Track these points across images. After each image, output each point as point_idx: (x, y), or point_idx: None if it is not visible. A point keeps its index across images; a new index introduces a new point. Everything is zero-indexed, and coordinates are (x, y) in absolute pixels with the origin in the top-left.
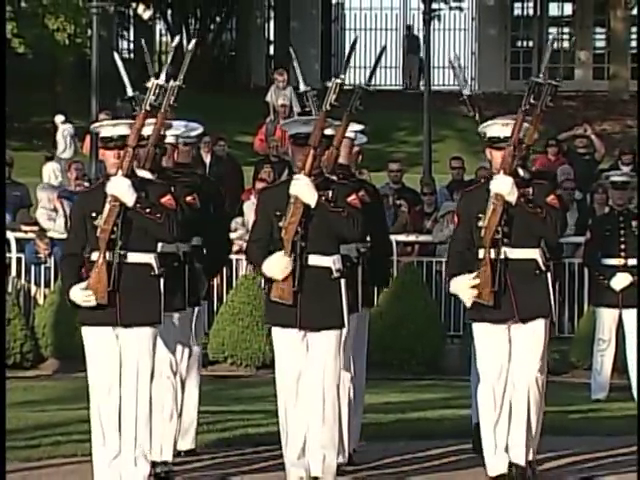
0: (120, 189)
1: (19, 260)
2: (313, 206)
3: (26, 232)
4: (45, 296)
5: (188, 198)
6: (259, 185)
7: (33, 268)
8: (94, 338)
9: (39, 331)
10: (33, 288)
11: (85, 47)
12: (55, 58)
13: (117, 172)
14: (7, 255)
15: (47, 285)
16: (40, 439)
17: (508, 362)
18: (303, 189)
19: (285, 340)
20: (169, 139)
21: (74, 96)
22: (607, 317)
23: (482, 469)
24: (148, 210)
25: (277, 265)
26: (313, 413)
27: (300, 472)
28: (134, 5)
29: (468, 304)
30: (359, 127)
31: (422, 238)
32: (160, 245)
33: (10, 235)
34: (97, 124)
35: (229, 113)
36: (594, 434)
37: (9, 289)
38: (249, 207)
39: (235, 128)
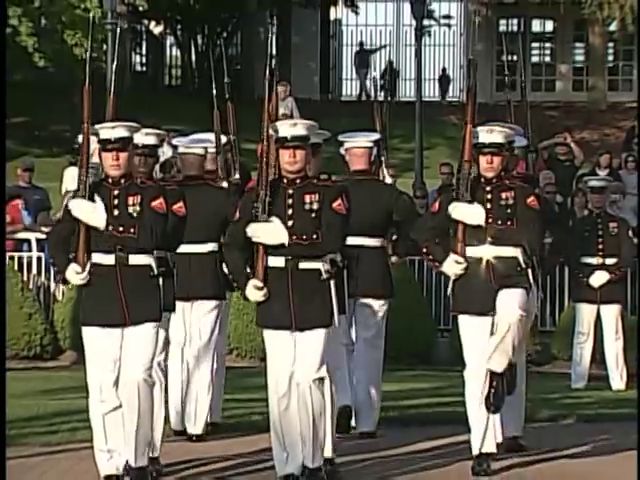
0: (86, 215)
1: (39, 259)
2: (287, 244)
3: (46, 233)
4: (63, 293)
5: (175, 206)
6: None
7: (52, 267)
8: (95, 339)
9: (58, 325)
10: (52, 285)
11: (101, 61)
12: (73, 71)
13: (116, 173)
14: (28, 254)
15: (65, 282)
16: (59, 425)
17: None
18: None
19: (279, 342)
20: (200, 151)
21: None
22: (586, 312)
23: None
24: (121, 229)
25: (253, 296)
26: (298, 410)
27: (294, 466)
28: (146, 22)
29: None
30: (376, 136)
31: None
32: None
33: (31, 236)
34: (97, 126)
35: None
36: (574, 421)
37: (30, 286)
38: None
39: (241, 136)
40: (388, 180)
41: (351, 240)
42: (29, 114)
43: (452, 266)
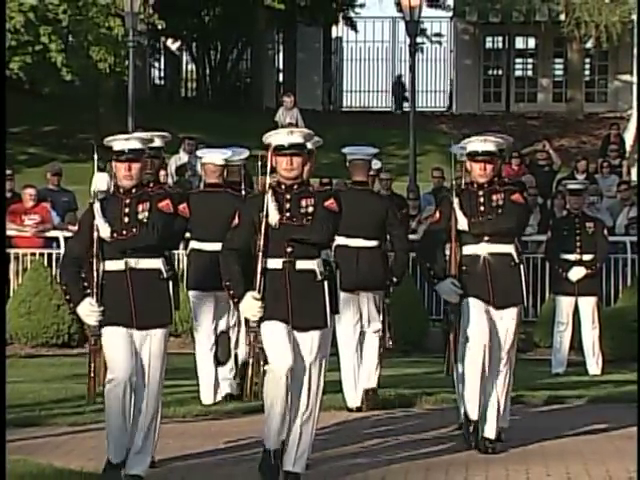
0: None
1: None
2: (274, 225)
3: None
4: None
5: (180, 207)
6: None
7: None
8: (112, 335)
9: None
10: None
11: (123, 75)
12: (98, 84)
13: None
14: (57, 251)
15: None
16: (85, 407)
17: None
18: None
19: (278, 332)
20: (219, 161)
21: (114, 116)
22: (565, 303)
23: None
24: (124, 232)
25: (249, 308)
26: (296, 409)
27: (275, 441)
28: (164, 39)
29: (454, 301)
30: (375, 150)
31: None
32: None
33: (59, 234)
34: (110, 138)
35: (245, 131)
36: (554, 403)
37: (58, 279)
38: None
39: (250, 144)
40: (377, 188)
41: (352, 242)
42: (57, 123)
43: (448, 289)
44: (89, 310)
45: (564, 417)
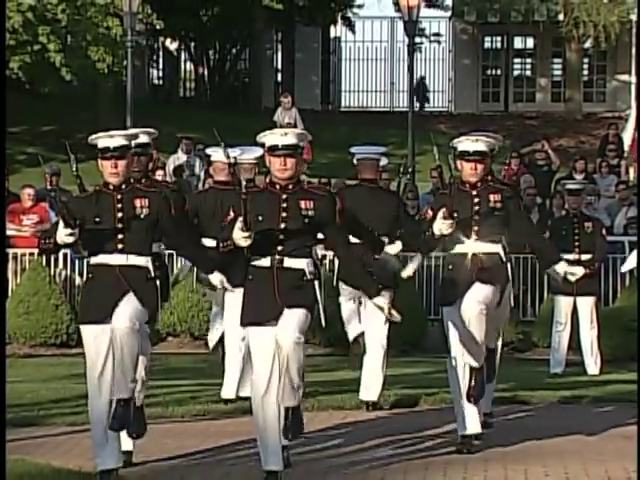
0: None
1: (65, 255)
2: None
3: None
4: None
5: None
6: None
7: (77, 262)
8: (92, 336)
9: None
10: (77, 279)
11: (121, 75)
12: (97, 84)
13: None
14: None
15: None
16: (83, 407)
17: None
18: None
19: (262, 339)
20: (224, 158)
21: (113, 116)
22: (564, 303)
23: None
24: (125, 231)
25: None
26: (280, 374)
27: (275, 461)
28: (162, 39)
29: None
30: (383, 149)
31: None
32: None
33: None
34: (94, 136)
35: (243, 131)
36: (552, 403)
37: (57, 280)
38: None
39: (249, 144)
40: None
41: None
42: (56, 123)
43: (440, 225)
44: (64, 234)
45: (563, 417)
